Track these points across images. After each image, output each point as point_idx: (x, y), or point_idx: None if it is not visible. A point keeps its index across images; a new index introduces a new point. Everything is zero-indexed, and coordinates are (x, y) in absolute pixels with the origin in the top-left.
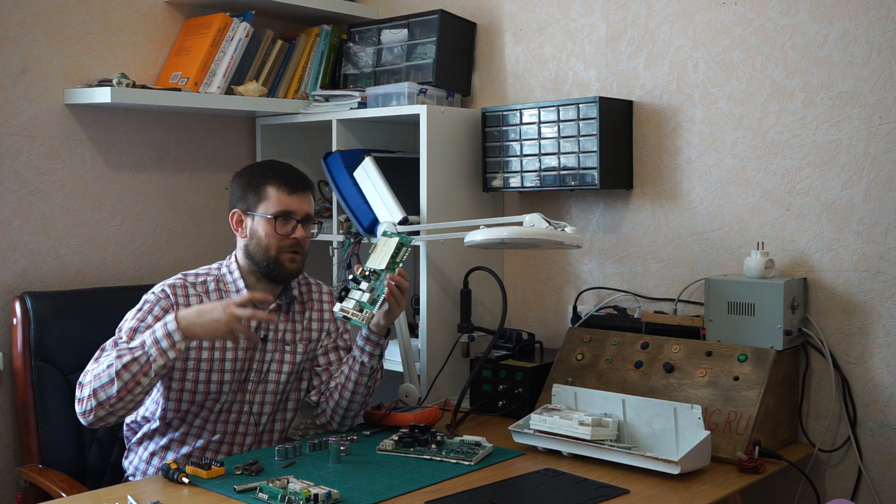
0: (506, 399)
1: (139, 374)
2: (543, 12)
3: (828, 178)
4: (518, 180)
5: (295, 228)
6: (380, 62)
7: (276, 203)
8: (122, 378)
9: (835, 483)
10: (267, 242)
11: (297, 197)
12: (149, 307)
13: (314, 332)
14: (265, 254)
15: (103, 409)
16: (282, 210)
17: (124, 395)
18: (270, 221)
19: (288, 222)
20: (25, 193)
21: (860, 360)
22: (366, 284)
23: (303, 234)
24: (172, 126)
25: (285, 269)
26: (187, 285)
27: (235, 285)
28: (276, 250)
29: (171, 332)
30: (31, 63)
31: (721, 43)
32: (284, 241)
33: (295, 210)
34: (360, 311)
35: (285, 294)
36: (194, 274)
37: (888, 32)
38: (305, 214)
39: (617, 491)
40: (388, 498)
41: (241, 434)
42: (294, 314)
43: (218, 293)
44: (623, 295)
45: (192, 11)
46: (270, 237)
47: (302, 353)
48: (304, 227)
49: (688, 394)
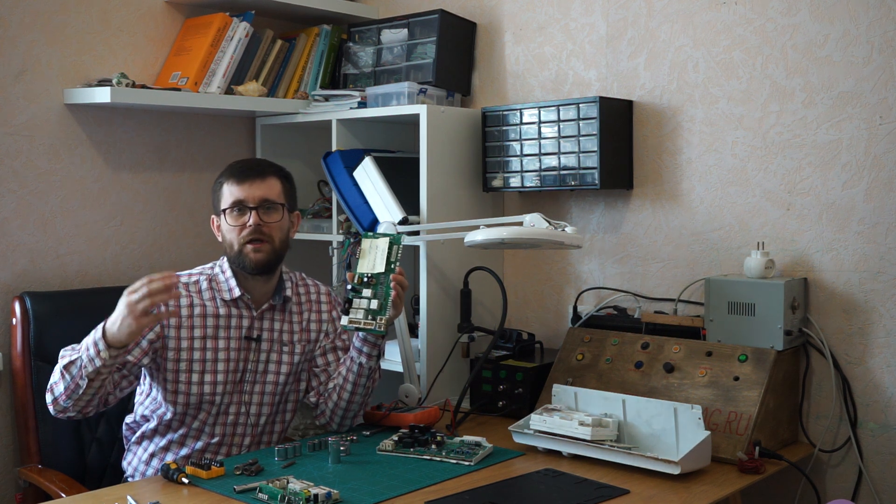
0: (506, 399)
1: (77, 377)
2: (543, 12)
3: (828, 178)
4: (518, 180)
5: (249, 216)
6: (380, 62)
7: (227, 196)
8: (65, 378)
9: (835, 483)
10: (230, 238)
11: (247, 185)
12: None
13: (312, 333)
14: (231, 250)
15: (58, 405)
16: (232, 202)
17: (70, 395)
18: (224, 214)
19: (242, 213)
20: (25, 193)
21: (861, 360)
22: (369, 291)
23: (257, 220)
24: (172, 126)
25: (250, 260)
26: (179, 286)
27: (227, 284)
28: (238, 243)
29: (97, 339)
30: (31, 63)
31: (721, 43)
32: (243, 232)
33: (244, 198)
34: (373, 319)
35: (278, 294)
36: (188, 274)
37: (888, 32)
38: (260, 200)
39: (617, 491)
40: (388, 498)
41: (239, 435)
42: (291, 314)
43: (210, 292)
44: (623, 295)
45: (192, 11)
46: (229, 231)
47: (300, 353)
48: (264, 214)
49: (688, 394)
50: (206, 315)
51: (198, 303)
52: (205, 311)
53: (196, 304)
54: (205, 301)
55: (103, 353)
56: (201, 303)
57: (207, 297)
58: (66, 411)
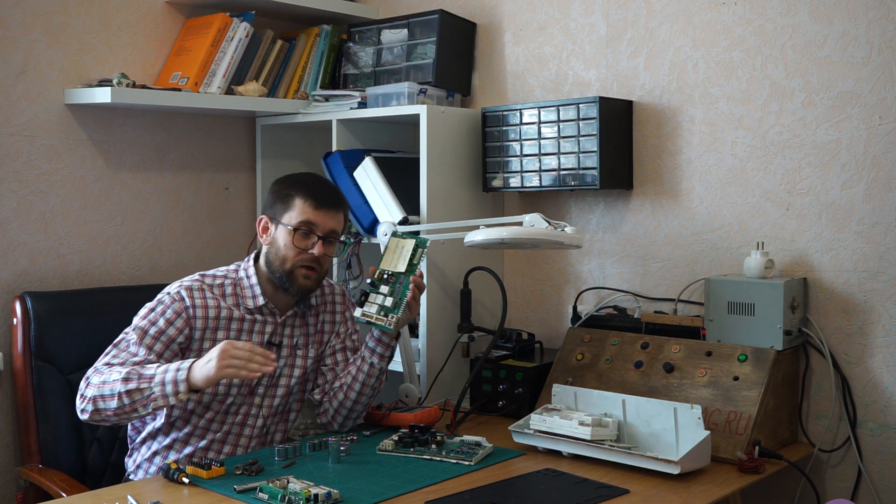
0: (506, 399)
1: (138, 403)
2: (543, 12)
3: (828, 178)
4: (518, 180)
5: (315, 244)
6: (380, 62)
7: (299, 214)
8: (122, 400)
9: (835, 483)
10: (284, 253)
11: (323, 212)
12: (162, 308)
13: (325, 335)
14: (281, 265)
15: (98, 416)
16: (304, 222)
17: (120, 413)
18: (291, 233)
19: (308, 237)
20: (25, 193)
21: (860, 360)
22: (386, 288)
23: (321, 252)
24: (172, 126)
25: (298, 284)
26: (204, 287)
27: (252, 291)
28: (292, 263)
29: (179, 380)
30: (31, 63)
31: (721, 43)
32: (302, 256)
33: (317, 224)
34: (385, 315)
35: (303, 302)
36: (212, 276)
37: (888, 32)
38: (329, 231)
39: (617, 491)
40: (388, 498)
41: (245, 436)
42: (307, 317)
43: (234, 297)
44: (623, 295)
45: (192, 11)
46: (288, 248)
47: (313, 357)
48: (326, 245)
49: (688, 394)
50: (231, 318)
51: (224, 306)
52: (230, 314)
53: (222, 308)
54: (230, 305)
55: (182, 394)
56: (227, 306)
57: (231, 303)
58: (104, 422)
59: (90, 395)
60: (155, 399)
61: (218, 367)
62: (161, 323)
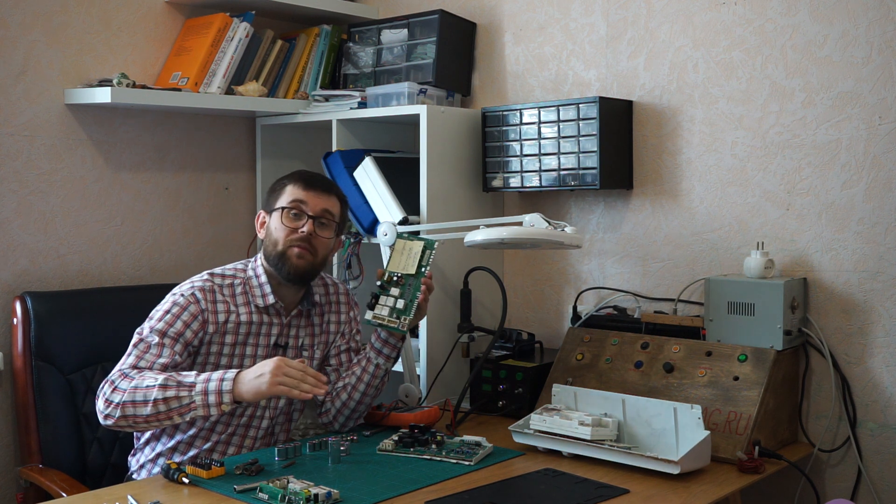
0: (506, 399)
1: (175, 412)
2: (543, 12)
3: (828, 178)
4: (518, 180)
5: (305, 223)
6: (380, 62)
7: (289, 195)
8: (158, 407)
9: (835, 483)
10: (276, 236)
11: (313, 193)
12: (178, 311)
13: (331, 335)
14: (274, 248)
15: (126, 422)
16: (293, 200)
17: (152, 421)
18: (281, 213)
19: (299, 217)
20: (25, 193)
21: (860, 360)
22: (396, 290)
23: (311, 229)
24: (172, 126)
25: (291, 264)
26: (215, 288)
27: (261, 290)
28: (284, 244)
29: (223, 391)
30: (31, 63)
31: (721, 43)
32: (292, 235)
33: (307, 203)
34: (397, 317)
35: (307, 300)
36: (220, 275)
37: (888, 32)
38: (321, 211)
39: (617, 491)
40: (388, 498)
41: (251, 438)
42: (313, 317)
43: (244, 297)
44: (623, 295)
45: (192, 11)
46: (279, 230)
47: (319, 358)
48: (320, 227)
49: (688, 394)
50: (239, 322)
51: (233, 309)
52: (239, 318)
53: (232, 311)
54: (239, 306)
55: (226, 405)
56: (236, 309)
57: (241, 302)
58: (129, 428)
59: (119, 399)
60: (195, 408)
61: (270, 382)
62: (178, 325)
